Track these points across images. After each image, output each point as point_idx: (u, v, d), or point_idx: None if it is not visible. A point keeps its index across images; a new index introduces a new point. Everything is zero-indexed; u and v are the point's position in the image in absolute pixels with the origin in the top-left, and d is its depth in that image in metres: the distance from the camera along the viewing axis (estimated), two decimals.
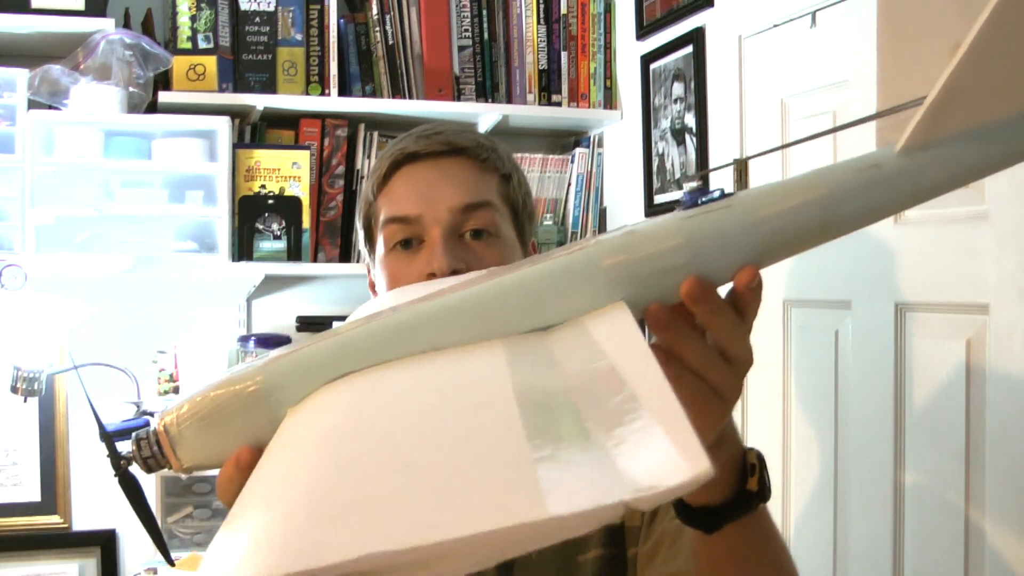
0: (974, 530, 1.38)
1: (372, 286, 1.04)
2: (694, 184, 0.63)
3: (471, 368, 0.56)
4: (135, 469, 0.65)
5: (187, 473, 0.63)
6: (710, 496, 0.71)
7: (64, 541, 2.17)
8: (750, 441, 1.86)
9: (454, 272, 0.90)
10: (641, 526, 0.95)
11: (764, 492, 0.72)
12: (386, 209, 0.97)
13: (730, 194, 0.62)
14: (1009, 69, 0.55)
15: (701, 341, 0.62)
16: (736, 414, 1.92)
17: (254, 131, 2.25)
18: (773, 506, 1.94)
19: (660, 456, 0.42)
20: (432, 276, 0.91)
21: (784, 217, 0.61)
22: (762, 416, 1.84)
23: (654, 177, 2.22)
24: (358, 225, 1.04)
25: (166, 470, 0.62)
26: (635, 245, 0.61)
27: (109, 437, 0.67)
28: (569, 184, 2.44)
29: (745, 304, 0.62)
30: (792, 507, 1.75)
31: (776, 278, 1.83)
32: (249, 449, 0.60)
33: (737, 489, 0.71)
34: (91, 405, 0.72)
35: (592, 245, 0.61)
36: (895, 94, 0.64)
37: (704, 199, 0.62)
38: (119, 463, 0.66)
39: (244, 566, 0.41)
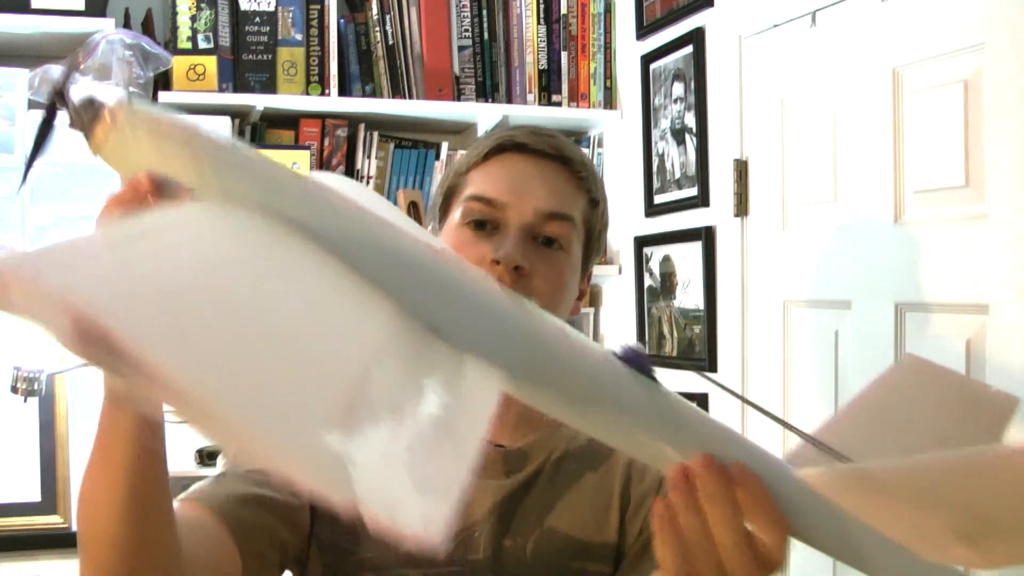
0: None
1: None
2: (636, 346, 0.63)
3: (356, 317, 0.55)
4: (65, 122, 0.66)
5: (92, 152, 0.63)
6: None
7: (64, 541, 2.17)
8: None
9: (517, 268, 0.91)
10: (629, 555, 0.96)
11: None
12: (475, 185, 0.97)
13: (655, 380, 0.62)
14: (926, 508, 0.55)
15: (735, 524, 0.60)
16: (736, 414, 1.93)
17: (254, 131, 2.25)
18: None
19: (416, 504, 0.44)
20: (496, 263, 0.91)
21: (677, 441, 0.61)
22: (762, 416, 1.83)
23: (654, 177, 2.22)
24: (437, 192, 1.03)
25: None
26: (552, 346, 0.61)
27: (68, 77, 0.67)
28: None
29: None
30: None
31: (777, 278, 1.83)
32: (152, 178, 0.60)
33: None
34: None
35: (529, 312, 0.62)
36: (840, 430, 0.66)
37: (638, 364, 0.62)
38: (55, 100, 0.66)
39: (55, 273, 0.43)
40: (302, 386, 0.46)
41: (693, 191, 2.06)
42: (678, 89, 2.13)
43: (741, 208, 1.91)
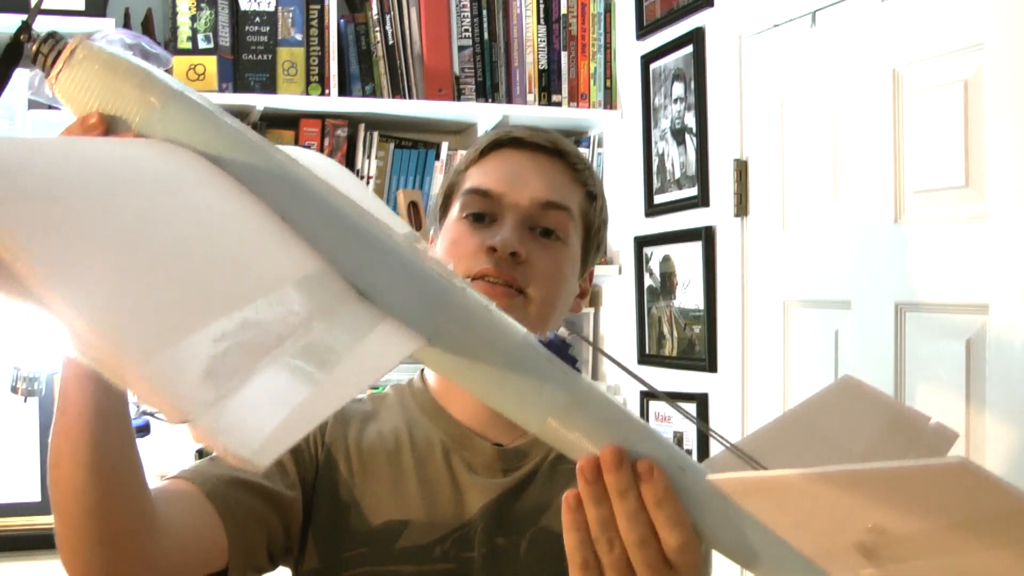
0: None
1: None
2: (566, 335, 0.63)
3: (276, 252, 0.56)
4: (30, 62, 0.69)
5: (50, 88, 0.66)
6: None
7: None
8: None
9: (514, 255, 0.91)
10: None
11: None
12: (472, 179, 0.98)
13: (577, 369, 0.62)
14: (822, 517, 0.56)
15: (637, 515, 0.60)
16: (736, 414, 1.93)
17: (254, 131, 2.25)
18: None
19: (259, 431, 0.43)
20: (492, 250, 0.91)
21: (580, 430, 0.61)
22: (762, 416, 1.84)
23: (654, 177, 2.22)
24: (439, 194, 1.04)
25: (41, 74, 0.66)
26: (474, 323, 0.61)
27: (34, 15, 0.70)
28: None
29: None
30: None
31: (777, 278, 1.83)
32: (101, 116, 0.62)
33: None
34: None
35: (457, 287, 0.62)
36: (767, 442, 0.66)
37: (560, 350, 0.62)
38: (20, 36, 0.68)
39: None
40: (186, 288, 0.46)
41: (693, 191, 2.06)
42: (678, 89, 2.13)
43: (741, 208, 1.91)
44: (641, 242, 2.27)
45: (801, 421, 0.70)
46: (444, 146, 2.37)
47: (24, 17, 0.69)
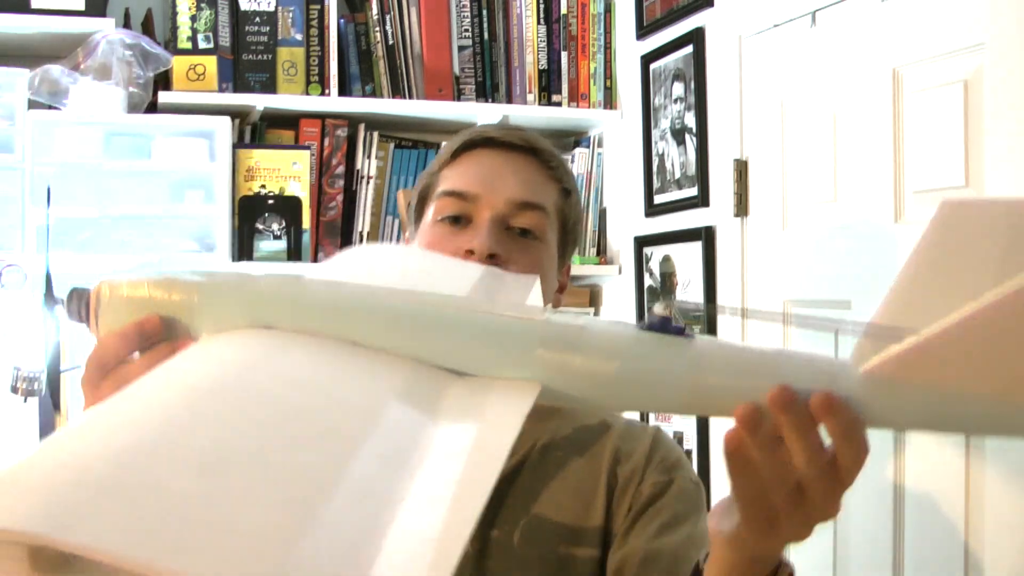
0: (974, 530, 1.38)
1: None
2: (663, 311, 0.62)
3: (361, 383, 0.57)
4: (61, 313, 0.70)
5: (96, 334, 0.67)
6: None
7: None
8: None
9: (492, 256, 0.91)
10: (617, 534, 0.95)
11: None
12: (447, 182, 0.98)
13: (690, 336, 0.61)
14: (997, 352, 0.54)
15: (821, 449, 0.58)
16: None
17: (254, 131, 2.25)
18: None
19: (413, 553, 0.43)
20: (470, 253, 0.91)
21: (722, 388, 0.60)
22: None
23: (654, 177, 2.22)
24: (413, 197, 1.04)
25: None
26: (575, 345, 0.60)
27: (49, 279, 0.73)
28: None
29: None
30: None
31: (777, 278, 1.83)
32: (160, 318, 0.63)
33: None
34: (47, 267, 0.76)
35: (539, 323, 0.61)
36: (899, 311, 0.63)
37: (665, 329, 0.61)
38: (51, 301, 0.71)
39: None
40: (274, 499, 0.45)
41: (693, 191, 2.06)
42: (678, 89, 2.13)
43: (741, 208, 1.91)
44: (641, 242, 2.27)
45: (922, 276, 0.65)
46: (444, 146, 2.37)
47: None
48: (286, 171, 2.19)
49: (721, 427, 0.65)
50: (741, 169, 1.91)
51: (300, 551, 0.41)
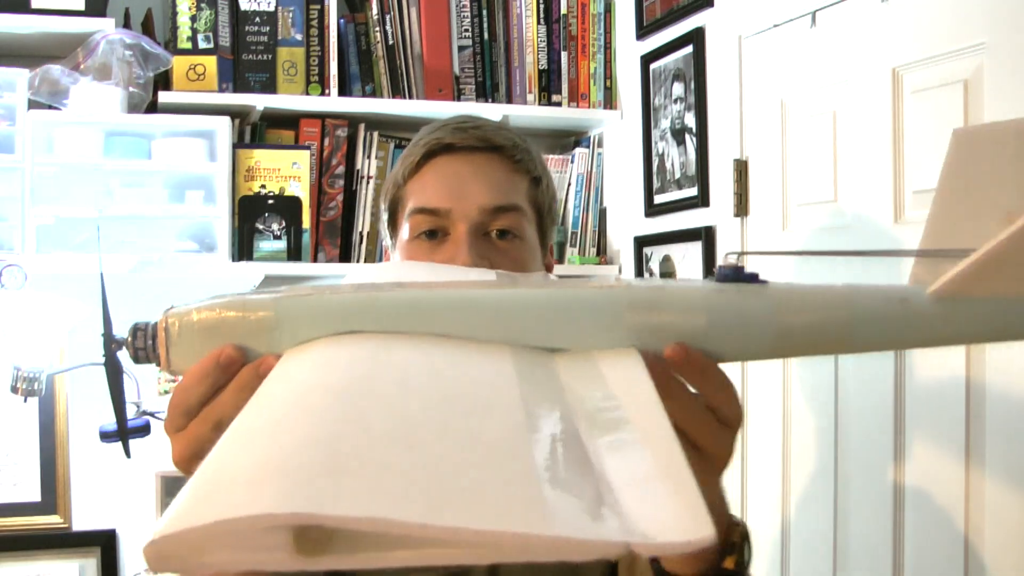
0: (974, 530, 1.38)
1: None
2: (734, 260, 0.65)
3: (480, 364, 0.57)
4: (124, 357, 0.66)
5: (171, 373, 0.65)
6: (683, 566, 0.70)
7: (64, 541, 2.17)
8: (750, 441, 1.86)
9: None
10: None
11: (741, 572, 0.71)
12: (415, 199, 0.97)
13: (764, 281, 0.65)
14: None
15: (692, 397, 0.61)
16: None
17: (254, 131, 2.25)
18: (773, 506, 1.95)
19: (666, 511, 0.42)
20: None
21: (805, 326, 0.63)
22: (762, 416, 1.84)
23: (654, 177, 2.22)
24: (383, 207, 1.03)
25: (154, 366, 0.64)
26: (661, 304, 0.62)
27: (108, 320, 0.69)
28: (569, 184, 2.44)
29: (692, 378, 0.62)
30: (792, 507, 1.74)
31: (776, 278, 1.82)
32: (235, 347, 0.60)
33: (713, 564, 0.70)
34: (103, 292, 0.73)
35: (622, 288, 0.62)
36: (940, 237, 0.68)
37: (738, 278, 0.65)
38: (111, 344, 0.67)
39: (243, 497, 0.40)
40: (492, 445, 0.46)
41: (693, 191, 2.06)
42: (678, 89, 2.13)
43: (741, 208, 1.91)
44: (641, 242, 2.27)
45: (951, 202, 0.70)
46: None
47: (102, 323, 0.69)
48: (286, 171, 2.19)
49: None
50: (741, 169, 1.91)
51: (550, 494, 0.41)
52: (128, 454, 0.83)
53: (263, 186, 2.18)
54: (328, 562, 0.44)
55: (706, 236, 2.01)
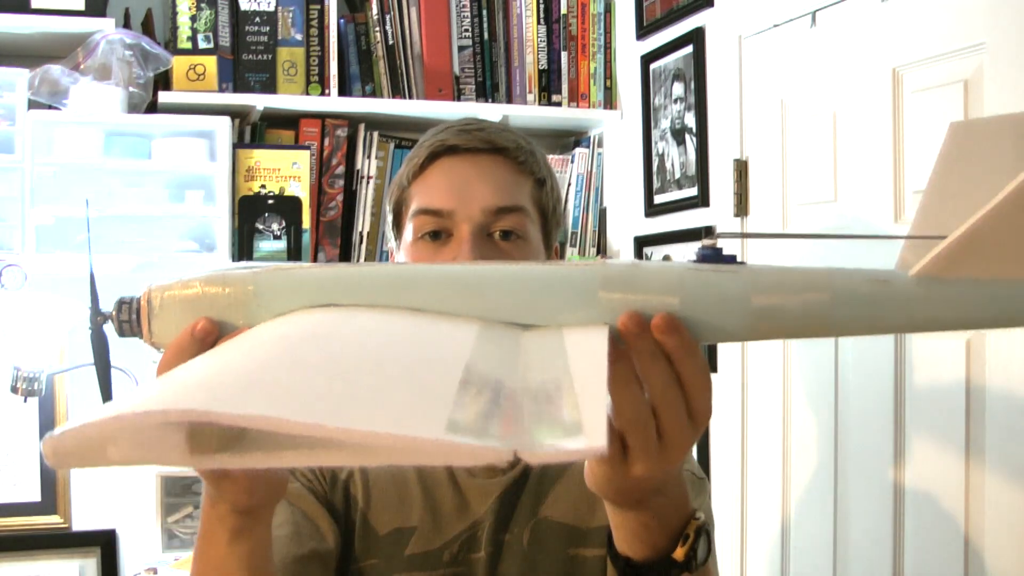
0: (974, 530, 1.38)
1: None
2: (712, 242, 0.64)
3: (441, 332, 0.58)
4: (109, 329, 0.69)
5: (153, 346, 0.66)
6: (634, 548, 0.71)
7: (64, 541, 2.17)
8: (750, 441, 1.86)
9: None
10: None
11: (690, 564, 0.70)
12: (419, 199, 0.97)
13: (742, 263, 0.63)
14: None
15: (671, 380, 0.61)
16: (736, 414, 1.93)
17: (254, 131, 2.25)
18: (773, 506, 1.94)
19: (563, 423, 0.45)
20: None
21: (783, 306, 0.63)
22: (762, 416, 1.84)
23: (654, 177, 2.22)
24: (387, 208, 1.04)
25: (138, 339, 0.67)
26: (636, 282, 0.61)
27: (95, 294, 0.71)
28: (569, 184, 2.44)
29: (668, 348, 0.61)
30: (792, 507, 1.75)
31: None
32: (208, 319, 0.63)
33: (660, 551, 0.70)
34: (91, 263, 0.75)
35: (597, 266, 0.62)
36: (928, 224, 0.67)
37: (716, 259, 0.64)
38: (97, 317, 0.69)
39: (143, 400, 0.44)
40: (418, 384, 0.48)
41: (693, 191, 2.06)
42: (678, 89, 2.13)
43: (741, 208, 1.91)
44: (641, 242, 2.27)
45: (944, 190, 0.70)
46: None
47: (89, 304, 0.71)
48: (286, 171, 2.19)
49: (721, 433, 0.66)
50: (741, 169, 1.91)
51: (451, 413, 0.44)
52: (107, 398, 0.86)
53: (263, 186, 2.18)
54: (218, 461, 0.47)
55: (706, 236, 2.00)
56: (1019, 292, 0.60)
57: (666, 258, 2.17)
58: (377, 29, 2.27)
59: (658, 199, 2.20)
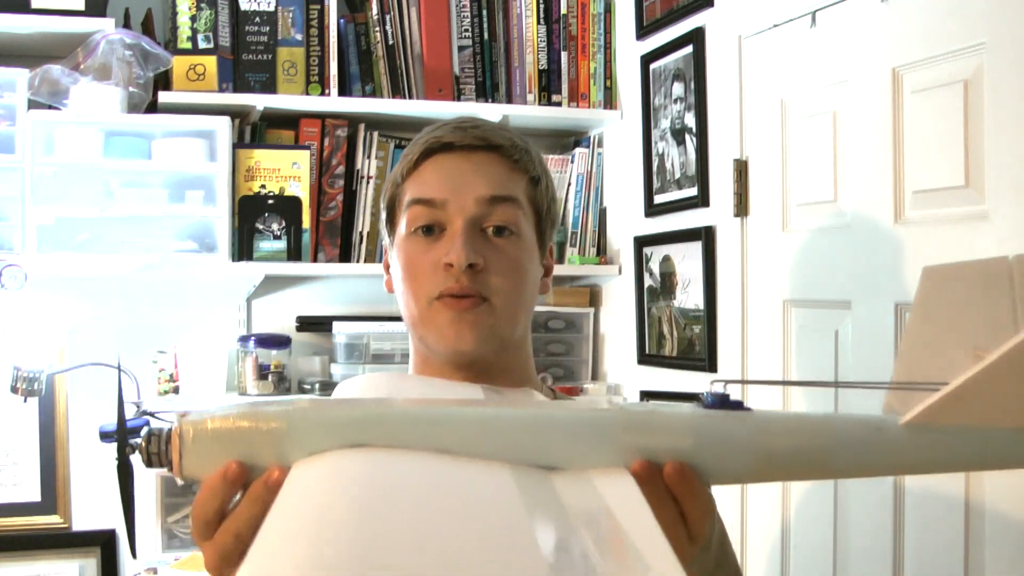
0: (974, 530, 1.38)
1: (387, 267, 1.04)
2: (719, 390, 0.71)
3: (482, 479, 0.61)
4: (135, 459, 0.68)
5: (181, 479, 0.66)
6: None
7: (64, 541, 2.17)
8: None
9: (471, 266, 0.91)
10: None
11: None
12: (412, 191, 0.98)
13: (748, 409, 0.70)
14: (1019, 389, 0.64)
15: (673, 509, 0.67)
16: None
17: (254, 131, 2.25)
18: (773, 506, 1.95)
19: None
20: (449, 267, 0.91)
21: (786, 450, 0.69)
22: None
23: (654, 177, 2.22)
24: (381, 206, 1.04)
25: (165, 470, 0.66)
26: (653, 426, 0.68)
27: (123, 423, 0.71)
28: (569, 184, 2.44)
29: (677, 493, 0.68)
30: (792, 507, 1.74)
31: (777, 278, 1.83)
32: (238, 463, 0.64)
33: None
34: (120, 392, 0.74)
35: (616, 412, 0.68)
36: (912, 369, 0.74)
37: (725, 404, 0.70)
38: (124, 449, 0.68)
39: None
40: (503, 554, 0.50)
41: (693, 191, 2.06)
42: (678, 89, 2.13)
43: (741, 208, 1.91)
44: (641, 242, 2.27)
45: (923, 335, 0.77)
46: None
47: (116, 408, 0.72)
48: (286, 171, 2.19)
49: None
50: (741, 169, 1.91)
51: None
52: (134, 554, 0.88)
53: (263, 186, 2.18)
54: None
55: (706, 236, 2.01)
56: (1005, 439, 0.66)
57: (666, 259, 2.17)
58: (377, 29, 2.27)
59: (658, 199, 2.20)
